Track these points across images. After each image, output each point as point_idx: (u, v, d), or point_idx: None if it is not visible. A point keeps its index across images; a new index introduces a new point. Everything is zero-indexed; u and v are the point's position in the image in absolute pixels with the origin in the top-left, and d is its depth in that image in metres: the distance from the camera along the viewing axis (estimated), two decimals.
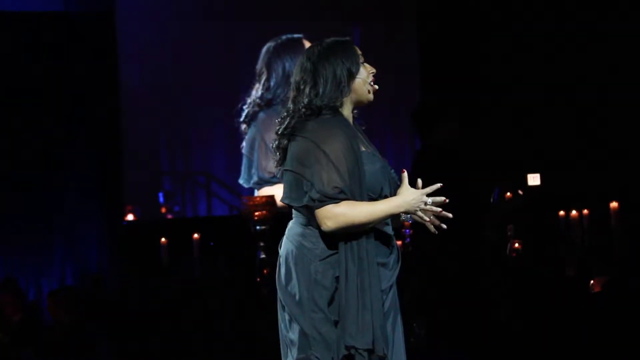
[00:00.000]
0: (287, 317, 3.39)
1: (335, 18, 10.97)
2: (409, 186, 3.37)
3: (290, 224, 3.46)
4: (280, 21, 10.88)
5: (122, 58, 10.82)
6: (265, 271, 8.59)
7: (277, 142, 3.43)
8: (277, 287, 3.44)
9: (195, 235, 9.41)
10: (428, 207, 3.34)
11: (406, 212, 3.36)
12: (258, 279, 8.71)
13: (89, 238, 10.71)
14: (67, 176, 10.65)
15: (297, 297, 3.34)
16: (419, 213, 3.37)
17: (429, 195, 3.37)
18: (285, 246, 3.44)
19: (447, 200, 3.37)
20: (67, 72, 10.59)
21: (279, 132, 3.41)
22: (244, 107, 10.71)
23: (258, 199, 9.23)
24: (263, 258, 8.77)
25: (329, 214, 3.26)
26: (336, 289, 3.30)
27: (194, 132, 11.04)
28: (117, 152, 10.79)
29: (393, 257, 3.44)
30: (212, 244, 9.86)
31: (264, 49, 10.69)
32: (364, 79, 3.45)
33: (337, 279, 3.30)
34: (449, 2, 11.40)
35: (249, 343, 7.26)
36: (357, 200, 3.29)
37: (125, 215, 10.72)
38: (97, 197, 10.76)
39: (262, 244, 8.88)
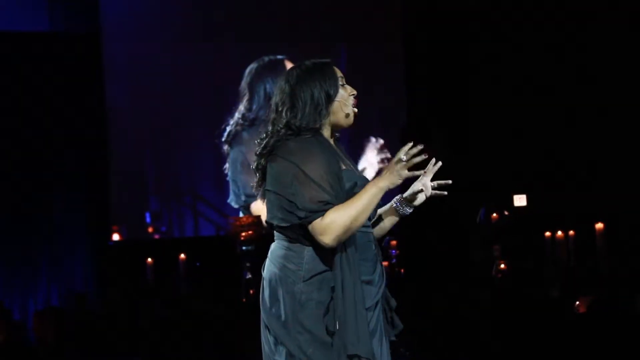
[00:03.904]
0: (271, 339, 3.38)
1: (322, 38, 10.99)
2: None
3: (273, 245, 3.46)
4: (266, 42, 10.88)
5: (108, 78, 10.82)
6: (251, 291, 8.58)
7: (256, 163, 3.42)
8: (262, 310, 3.43)
9: (182, 256, 9.39)
10: (405, 162, 3.29)
11: (392, 183, 3.30)
12: (244, 300, 8.69)
13: (75, 258, 10.67)
14: (53, 195, 10.62)
15: (282, 319, 3.34)
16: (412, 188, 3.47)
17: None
18: (269, 268, 3.44)
19: (421, 146, 3.31)
20: (53, 92, 10.57)
21: (258, 153, 3.41)
22: (227, 127, 10.68)
23: (244, 219, 9.21)
24: (249, 278, 8.75)
25: (320, 228, 3.26)
26: (331, 298, 3.29)
27: (181, 152, 11.03)
28: (104, 171, 10.78)
29: (377, 273, 3.44)
30: (198, 264, 9.84)
31: (247, 70, 10.68)
32: (344, 101, 3.45)
33: (332, 289, 3.30)
34: (435, 21, 11.43)
35: None
36: None
37: (112, 235, 10.70)
38: (83, 217, 10.73)
39: (248, 264, 8.86)
